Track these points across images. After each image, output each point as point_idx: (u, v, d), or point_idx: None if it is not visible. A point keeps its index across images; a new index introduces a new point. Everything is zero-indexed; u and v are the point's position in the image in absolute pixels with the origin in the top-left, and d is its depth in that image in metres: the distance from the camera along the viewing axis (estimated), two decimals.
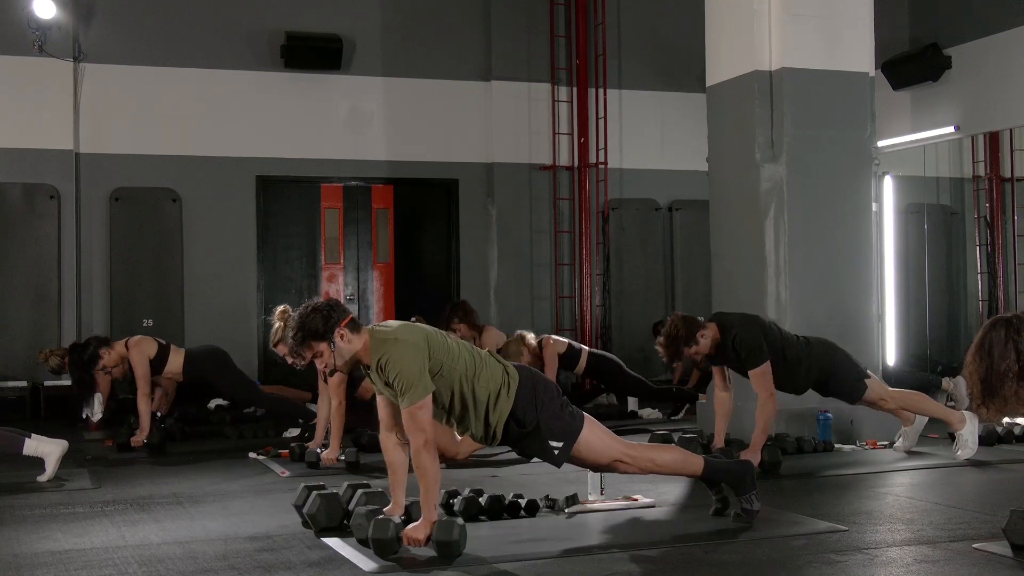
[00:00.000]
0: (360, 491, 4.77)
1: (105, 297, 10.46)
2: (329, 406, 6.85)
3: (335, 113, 11.07)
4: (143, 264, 10.54)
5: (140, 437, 7.50)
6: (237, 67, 10.93)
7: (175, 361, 7.90)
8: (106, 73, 10.55)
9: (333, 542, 4.50)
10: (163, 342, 7.98)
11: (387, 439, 4.54)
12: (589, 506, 5.13)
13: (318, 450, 6.69)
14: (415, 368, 4.27)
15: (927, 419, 6.81)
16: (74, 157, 10.44)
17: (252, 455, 7.10)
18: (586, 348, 9.13)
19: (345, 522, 4.69)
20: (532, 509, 5.02)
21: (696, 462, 4.81)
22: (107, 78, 10.55)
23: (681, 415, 9.04)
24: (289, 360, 4.55)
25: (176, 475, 6.43)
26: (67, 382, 9.98)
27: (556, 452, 4.50)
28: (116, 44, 10.61)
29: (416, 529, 4.27)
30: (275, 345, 6.74)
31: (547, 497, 5.20)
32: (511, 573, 4.06)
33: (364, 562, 4.17)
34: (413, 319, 6.49)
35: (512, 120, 11.56)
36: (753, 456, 6.19)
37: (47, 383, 9.89)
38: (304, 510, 4.76)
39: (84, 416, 9.21)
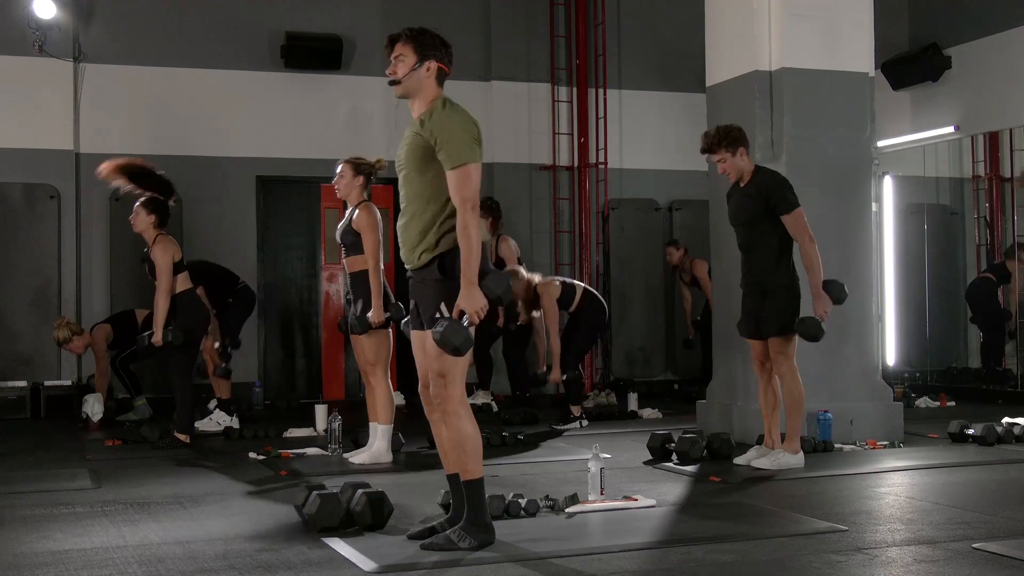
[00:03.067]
0: (360, 491, 4.77)
1: (105, 297, 10.45)
2: None
3: (335, 113, 11.07)
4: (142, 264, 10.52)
5: (158, 336, 7.49)
6: (237, 67, 10.93)
7: (184, 282, 7.72)
8: (106, 73, 10.56)
9: (333, 542, 4.50)
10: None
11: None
12: (589, 506, 5.13)
13: None
14: (470, 136, 4.28)
15: (779, 456, 6.39)
16: (74, 157, 10.44)
17: (252, 455, 7.10)
18: (581, 286, 8.92)
19: (345, 522, 4.69)
20: (532, 509, 5.02)
21: None
22: (107, 78, 10.55)
23: (569, 425, 8.49)
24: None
25: (176, 475, 6.43)
26: (67, 382, 10.03)
27: (438, 318, 4.27)
28: (116, 44, 10.62)
29: (471, 303, 4.17)
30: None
31: (547, 497, 5.20)
32: (511, 573, 4.06)
33: (364, 562, 4.17)
34: None
35: (512, 120, 11.56)
36: (820, 301, 6.21)
37: (47, 383, 9.90)
38: (304, 510, 4.76)
39: (84, 416, 9.23)
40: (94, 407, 9.23)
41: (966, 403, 10.07)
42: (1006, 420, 7.85)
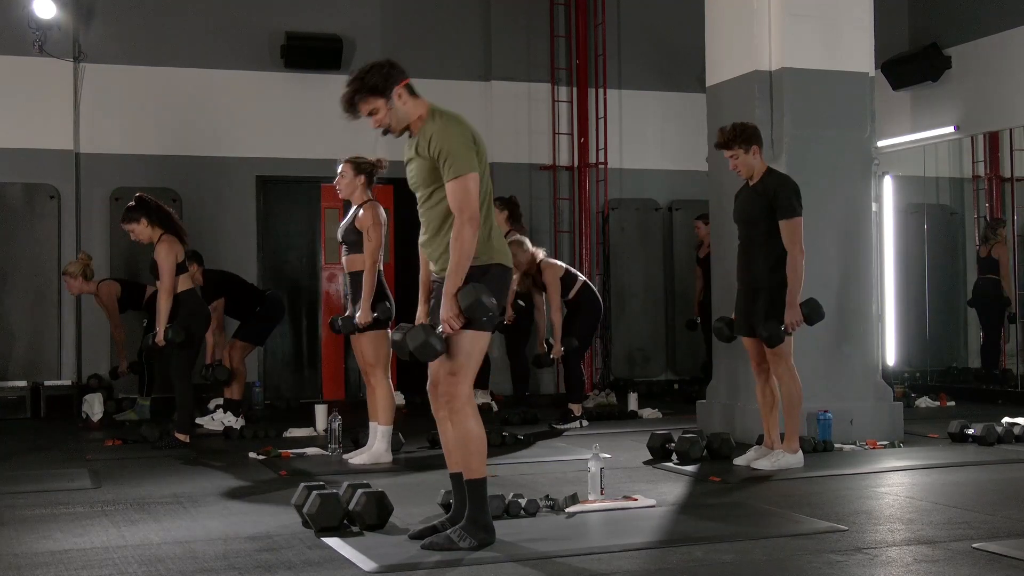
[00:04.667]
0: (360, 491, 4.77)
1: None
2: None
3: (335, 113, 10.98)
4: (143, 264, 10.51)
5: (160, 336, 7.52)
6: (237, 67, 10.93)
7: (185, 282, 7.71)
8: (106, 73, 10.55)
9: (333, 542, 4.50)
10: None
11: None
12: (589, 506, 5.13)
13: None
14: (465, 145, 4.32)
15: (778, 457, 6.40)
16: (74, 157, 10.44)
17: (252, 455, 7.10)
18: (582, 278, 8.99)
19: (345, 522, 4.70)
20: (532, 509, 5.02)
21: None
22: (107, 78, 10.55)
23: (569, 424, 8.52)
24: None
25: (176, 475, 6.43)
26: (67, 382, 10.03)
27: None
28: (116, 44, 10.61)
29: (444, 311, 4.25)
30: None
31: (547, 497, 5.21)
32: (511, 573, 4.06)
33: (364, 562, 4.17)
34: None
35: (512, 120, 11.56)
36: (792, 312, 6.21)
37: (47, 383, 9.90)
38: (304, 510, 4.76)
39: (84, 416, 9.24)
40: (94, 407, 9.24)
41: (966, 403, 10.07)
42: (1006, 420, 7.84)
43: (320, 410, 8.28)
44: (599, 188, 11.74)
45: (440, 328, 4.29)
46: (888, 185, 11.58)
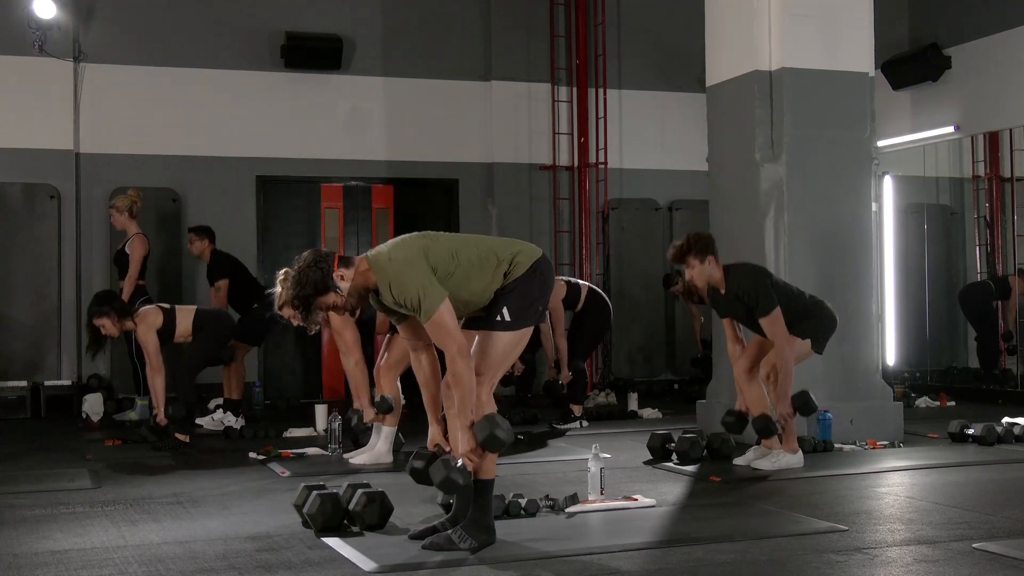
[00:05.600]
0: (360, 491, 4.77)
1: None
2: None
3: (335, 113, 11.07)
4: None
5: (161, 416, 7.52)
6: (237, 67, 10.93)
7: (184, 323, 7.78)
8: (106, 73, 10.55)
9: (333, 542, 4.50)
10: (167, 307, 7.82)
11: (415, 358, 4.57)
12: (589, 506, 5.13)
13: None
14: (421, 281, 4.25)
15: (778, 457, 6.41)
16: (74, 157, 10.44)
17: (252, 455, 7.10)
18: (586, 285, 8.95)
19: (345, 522, 4.70)
20: (532, 509, 5.02)
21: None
22: (107, 78, 10.55)
23: (569, 424, 8.53)
24: (301, 324, 4.56)
25: (176, 475, 6.43)
26: (67, 382, 10.02)
27: (499, 319, 4.39)
28: (116, 44, 10.61)
29: (461, 445, 4.28)
30: (281, 308, 5.79)
31: (547, 497, 5.21)
32: (511, 573, 4.06)
33: (364, 562, 4.17)
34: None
35: (512, 120, 11.56)
36: (782, 404, 6.22)
37: (47, 383, 9.90)
38: (304, 510, 4.76)
39: (84, 416, 9.23)
40: (94, 407, 9.23)
41: (966, 403, 10.07)
42: (1006, 420, 7.84)
43: (320, 410, 8.28)
44: (599, 188, 11.74)
45: (460, 462, 4.28)
46: (888, 185, 11.57)
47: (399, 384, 6.89)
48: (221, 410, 8.66)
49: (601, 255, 11.83)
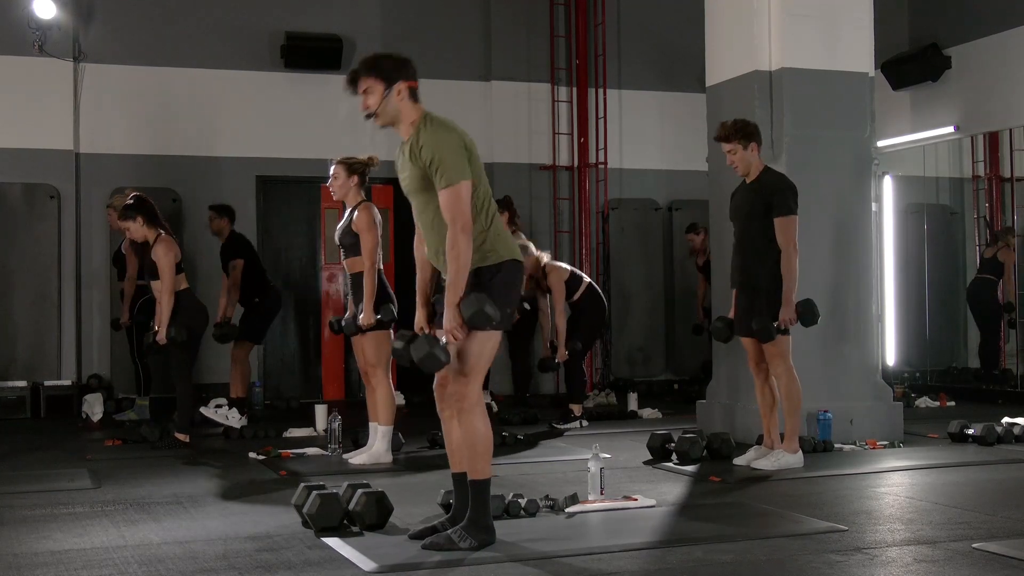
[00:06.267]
0: (360, 491, 4.77)
1: (105, 297, 10.45)
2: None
3: (335, 113, 11.06)
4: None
5: (162, 335, 7.52)
6: (237, 67, 10.93)
7: (181, 284, 7.75)
8: (106, 73, 10.55)
9: (333, 542, 4.50)
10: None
11: (419, 240, 4.60)
12: (589, 506, 5.13)
13: None
14: (456, 152, 4.28)
15: (778, 457, 6.38)
16: (74, 157, 10.44)
17: (252, 455, 7.10)
18: (587, 279, 8.99)
19: (345, 522, 4.70)
20: (532, 509, 5.02)
21: None
22: (107, 78, 10.55)
23: (569, 424, 8.51)
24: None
25: (176, 475, 6.43)
26: (67, 382, 10.02)
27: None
28: (116, 44, 10.62)
29: (447, 321, 4.26)
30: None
31: (547, 497, 5.21)
32: (512, 573, 4.06)
33: (364, 562, 4.18)
34: None
35: (512, 120, 11.56)
36: (787, 309, 6.20)
37: (47, 383, 9.90)
38: (304, 510, 4.76)
39: (84, 416, 9.23)
40: (94, 407, 9.23)
41: (966, 403, 10.07)
42: (1006, 420, 7.84)
43: (320, 410, 8.28)
44: (599, 188, 11.74)
45: (444, 339, 4.28)
46: (888, 185, 11.58)
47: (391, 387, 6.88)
48: (226, 407, 8.64)
49: (601, 255, 11.83)
